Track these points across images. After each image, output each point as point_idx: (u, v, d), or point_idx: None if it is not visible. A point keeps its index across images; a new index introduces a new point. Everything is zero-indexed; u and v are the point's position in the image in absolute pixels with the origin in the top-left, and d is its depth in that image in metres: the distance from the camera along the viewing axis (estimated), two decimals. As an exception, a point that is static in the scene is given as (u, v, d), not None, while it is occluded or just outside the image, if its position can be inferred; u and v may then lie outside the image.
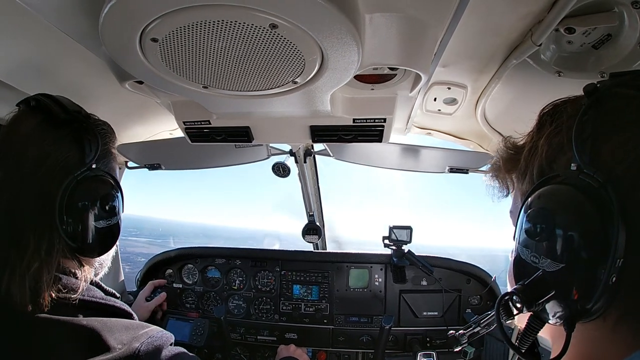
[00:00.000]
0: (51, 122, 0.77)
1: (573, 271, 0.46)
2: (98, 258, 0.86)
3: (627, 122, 0.48)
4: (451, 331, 1.43)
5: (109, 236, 0.84)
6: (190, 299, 2.35)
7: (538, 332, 0.54)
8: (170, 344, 0.80)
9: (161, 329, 0.81)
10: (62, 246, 0.74)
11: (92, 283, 0.81)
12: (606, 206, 0.44)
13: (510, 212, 0.68)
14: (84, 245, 0.78)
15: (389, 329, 1.88)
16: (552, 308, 0.50)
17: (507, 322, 0.57)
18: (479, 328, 1.37)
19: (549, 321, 0.51)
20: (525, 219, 0.54)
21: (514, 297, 0.53)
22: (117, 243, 0.91)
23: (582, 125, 0.49)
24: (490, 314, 1.37)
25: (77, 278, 0.76)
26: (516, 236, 0.57)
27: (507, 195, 0.71)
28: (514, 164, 0.65)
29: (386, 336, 1.90)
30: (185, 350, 0.83)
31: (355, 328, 2.18)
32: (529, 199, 0.54)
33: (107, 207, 0.81)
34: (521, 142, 0.66)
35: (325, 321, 2.20)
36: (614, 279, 0.43)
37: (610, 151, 0.47)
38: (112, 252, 0.91)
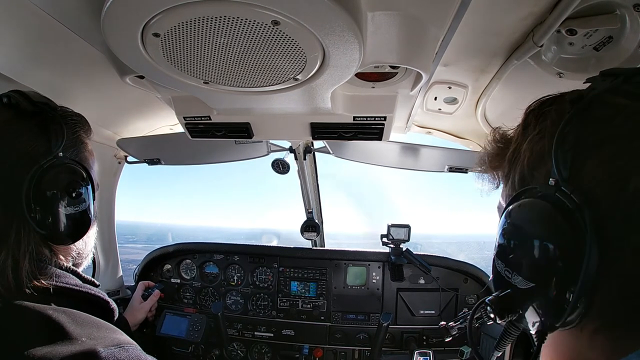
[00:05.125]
0: (19, 116, 0.79)
1: (542, 291, 0.46)
2: (74, 247, 0.88)
3: (612, 136, 0.44)
4: (442, 322, 1.44)
5: (79, 223, 0.85)
6: (187, 294, 2.36)
7: (514, 338, 0.55)
8: None
9: (140, 349, 0.74)
10: (33, 234, 0.76)
11: (69, 271, 0.82)
12: (580, 230, 0.42)
13: (498, 207, 0.66)
14: (54, 233, 0.80)
15: (387, 326, 1.89)
16: (523, 320, 0.51)
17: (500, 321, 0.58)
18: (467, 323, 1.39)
19: (524, 329, 0.52)
20: (502, 231, 0.53)
21: (487, 308, 0.54)
22: (94, 234, 0.93)
23: (563, 136, 0.46)
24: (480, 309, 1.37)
25: (51, 266, 0.78)
26: (495, 243, 0.56)
27: (497, 187, 0.68)
28: (500, 161, 0.62)
29: (384, 333, 1.91)
30: None
31: (352, 325, 2.19)
32: (508, 209, 0.53)
33: (74, 194, 0.82)
34: (510, 135, 0.62)
35: (322, 318, 2.21)
36: (584, 300, 0.43)
37: (591, 169, 0.44)
38: (90, 242, 0.92)
